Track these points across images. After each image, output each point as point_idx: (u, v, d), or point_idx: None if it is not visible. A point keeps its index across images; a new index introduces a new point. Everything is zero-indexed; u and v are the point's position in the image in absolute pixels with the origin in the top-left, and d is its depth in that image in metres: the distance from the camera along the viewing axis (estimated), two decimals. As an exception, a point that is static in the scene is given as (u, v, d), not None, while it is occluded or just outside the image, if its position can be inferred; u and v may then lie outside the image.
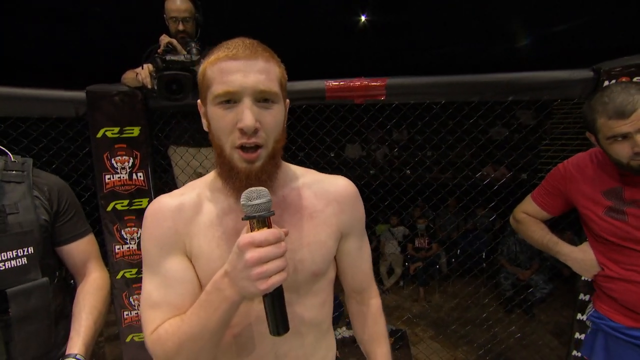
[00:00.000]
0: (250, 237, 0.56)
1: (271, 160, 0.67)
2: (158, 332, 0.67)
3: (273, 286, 0.57)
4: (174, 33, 1.91)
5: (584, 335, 1.36)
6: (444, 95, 1.60)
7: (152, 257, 0.71)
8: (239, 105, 0.62)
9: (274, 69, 0.66)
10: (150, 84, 1.61)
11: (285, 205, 0.75)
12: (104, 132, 1.69)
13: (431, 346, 3.07)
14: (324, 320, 0.83)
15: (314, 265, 0.74)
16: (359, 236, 0.84)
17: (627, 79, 1.36)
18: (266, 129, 0.64)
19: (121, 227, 1.79)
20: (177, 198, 0.74)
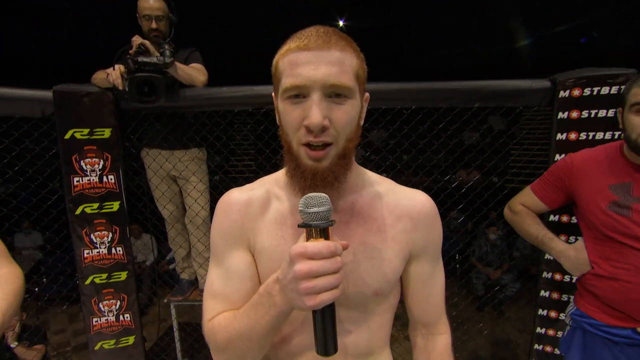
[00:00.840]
0: (302, 247, 0.52)
1: (341, 160, 0.62)
2: (213, 322, 0.67)
3: (322, 303, 0.53)
4: (147, 32, 1.88)
5: (562, 333, 1.37)
6: (414, 101, 1.66)
7: (218, 248, 0.71)
8: (307, 100, 0.57)
9: (350, 60, 0.59)
10: (122, 86, 1.58)
11: (353, 213, 0.70)
12: (72, 133, 1.64)
13: (405, 346, 3.14)
14: (377, 348, 0.76)
15: (376, 283, 0.68)
16: (433, 261, 0.76)
17: (579, 90, 1.46)
18: (337, 126, 0.59)
19: (90, 231, 1.74)
20: (246, 193, 0.72)
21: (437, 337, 0.80)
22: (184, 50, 2.00)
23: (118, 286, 1.82)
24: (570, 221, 1.58)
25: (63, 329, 3.63)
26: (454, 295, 4.01)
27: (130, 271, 1.83)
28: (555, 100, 1.53)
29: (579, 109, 1.48)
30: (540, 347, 1.73)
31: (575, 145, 1.51)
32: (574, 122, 1.50)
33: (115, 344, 1.86)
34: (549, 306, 1.68)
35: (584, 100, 1.47)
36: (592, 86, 1.44)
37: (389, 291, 0.72)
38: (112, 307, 1.84)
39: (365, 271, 0.68)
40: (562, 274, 1.63)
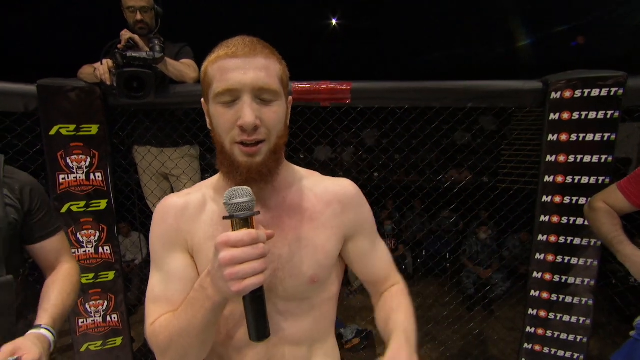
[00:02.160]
0: (225, 236, 0.55)
1: (273, 155, 0.66)
2: (154, 325, 0.69)
3: (247, 288, 0.55)
4: (132, 24, 1.83)
5: (626, 342, 1.32)
6: (407, 100, 1.66)
7: (157, 253, 0.74)
8: (239, 102, 0.62)
9: (275, 66, 0.65)
10: (109, 81, 1.54)
11: (285, 207, 0.74)
12: (57, 129, 1.60)
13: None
14: (321, 336, 0.80)
15: (311, 270, 0.72)
16: (370, 236, 0.82)
17: (570, 91, 1.47)
18: (267, 125, 0.64)
19: (77, 230, 1.70)
20: (183, 197, 0.76)
21: (390, 288, 0.86)
22: (174, 46, 1.96)
23: (105, 286, 1.78)
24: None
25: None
26: (445, 295, 4.04)
27: (118, 271, 1.80)
28: (547, 102, 1.54)
29: (570, 111, 1.49)
30: (530, 346, 1.74)
31: (566, 146, 1.52)
32: (565, 123, 1.51)
33: (102, 345, 1.82)
34: (539, 306, 1.69)
35: (575, 102, 1.48)
36: (583, 88, 1.45)
37: (326, 278, 0.76)
38: (99, 307, 1.80)
39: (300, 260, 0.72)
40: (552, 274, 1.64)
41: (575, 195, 1.55)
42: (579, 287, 1.60)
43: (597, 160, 1.48)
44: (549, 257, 1.64)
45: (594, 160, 1.48)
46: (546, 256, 1.64)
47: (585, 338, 1.64)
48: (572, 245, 1.58)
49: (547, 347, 1.71)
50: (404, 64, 7.65)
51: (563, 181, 1.55)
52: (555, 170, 1.56)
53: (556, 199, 1.58)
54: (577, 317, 1.62)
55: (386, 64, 7.68)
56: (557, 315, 1.66)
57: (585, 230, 1.55)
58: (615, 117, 1.44)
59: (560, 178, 1.56)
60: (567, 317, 1.64)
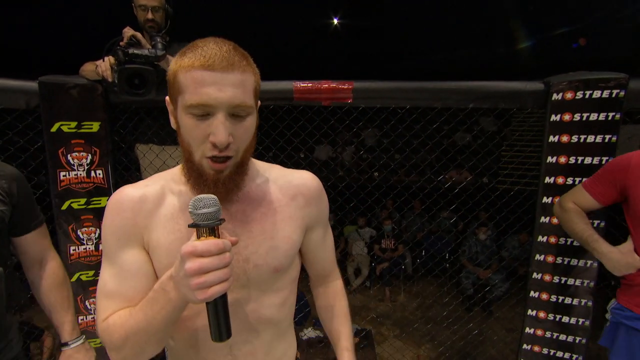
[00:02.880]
0: (192, 246, 0.55)
1: (239, 168, 0.68)
2: (108, 321, 0.68)
3: (213, 296, 0.56)
4: (142, 22, 1.84)
5: (605, 327, 1.42)
6: (408, 100, 1.65)
7: (110, 247, 0.71)
8: (212, 119, 0.61)
9: (250, 80, 0.64)
10: (111, 77, 1.54)
11: (249, 200, 0.75)
12: (59, 126, 1.60)
13: (395, 345, 3.15)
14: (283, 319, 0.83)
15: (276, 261, 0.75)
16: (324, 227, 0.87)
17: (572, 93, 1.47)
18: (238, 141, 0.64)
19: (77, 227, 1.70)
20: (140, 189, 0.73)
21: (333, 282, 0.97)
22: (178, 44, 1.96)
23: (105, 283, 1.79)
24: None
25: (47, 327, 3.56)
26: (444, 295, 4.05)
27: (118, 268, 1.80)
28: (549, 103, 1.54)
29: (571, 112, 1.49)
30: (529, 346, 1.75)
31: (567, 147, 1.52)
32: (566, 124, 1.51)
33: (101, 342, 1.83)
34: (538, 307, 1.69)
35: (576, 103, 1.48)
36: (585, 90, 1.45)
37: (288, 266, 0.79)
38: (98, 304, 1.80)
39: (266, 251, 0.74)
40: (551, 275, 1.64)
41: (575, 197, 1.54)
42: (578, 289, 1.60)
43: (597, 162, 1.48)
44: (549, 258, 1.64)
45: (595, 162, 1.48)
46: (546, 257, 1.65)
47: (584, 339, 1.64)
48: (572, 246, 1.58)
49: (546, 348, 1.71)
50: (406, 64, 7.65)
51: (564, 182, 1.55)
52: (556, 171, 1.56)
53: (557, 200, 1.58)
54: (577, 319, 1.63)
55: (388, 63, 7.68)
56: (556, 317, 1.66)
57: (586, 232, 1.55)
58: (616, 118, 1.44)
59: (561, 179, 1.56)
60: (567, 318, 1.64)
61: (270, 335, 0.81)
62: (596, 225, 1.52)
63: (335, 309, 0.94)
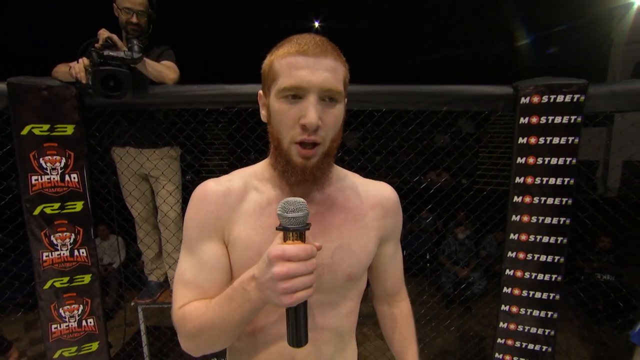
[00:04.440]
0: (281, 249, 0.56)
1: (326, 157, 0.68)
2: (184, 310, 0.70)
3: (298, 301, 0.57)
4: (124, 24, 1.81)
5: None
6: (384, 104, 1.70)
7: (192, 238, 0.73)
8: (304, 101, 0.63)
9: (341, 68, 0.66)
10: (85, 79, 1.51)
11: (330, 204, 0.75)
12: (29, 129, 1.55)
13: (376, 344, 3.19)
14: (347, 330, 0.82)
15: (350, 268, 0.74)
16: (396, 242, 0.87)
17: (538, 97, 1.55)
18: (326, 128, 0.65)
19: (50, 233, 1.65)
20: (224, 184, 0.74)
21: (401, 303, 0.94)
22: (157, 48, 1.94)
23: (81, 290, 1.74)
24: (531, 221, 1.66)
25: (19, 338, 3.41)
26: (423, 293, 4.13)
27: (95, 274, 1.76)
28: (517, 106, 1.61)
29: (538, 115, 1.57)
30: (503, 340, 1.82)
31: (535, 149, 1.60)
32: (534, 127, 1.59)
33: (77, 351, 1.78)
34: (511, 302, 1.76)
35: (542, 106, 1.56)
36: (550, 94, 1.53)
37: (361, 275, 0.79)
38: (74, 312, 1.75)
39: (342, 257, 0.73)
40: (522, 271, 1.72)
41: (543, 196, 1.63)
42: (547, 283, 1.68)
43: (562, 162, 1.56)
44: (520, 255, 1.72)
45: (560, 162, 1.57)
46: (517, 254, 1.72)
47: (553, 331, 1.72)
48: (540, 243, 1.66)
49: (519, 341, 1.78)
50: (387, 66, 7.78)
51: (532, 182, 1.63)
52: (525, 171, 1.64)
53: (526, 199, 1.65)
54: (546, 312, 1.71)
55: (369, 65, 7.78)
56: (527, 311, 1.73)
57: (554, 229, 1.63)
58: (578, 121, 1.52)
59: (530, 179, 1.63)
60: (537, 312, 1.72)
61: (334, 346, 0.80)
62: (562, 222, 1.61)
63: (404, 332, 0.93)
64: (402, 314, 0.94)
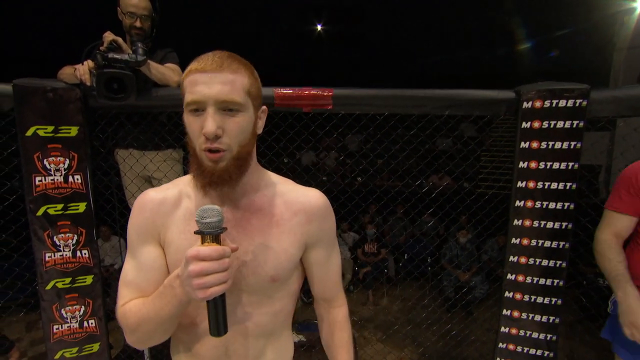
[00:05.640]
0: (196, 250, 0.63)
1: (236, 162, 0.73)
2: (124, 307, 0.78)
3: (211, 296, 0.64)
4: (128, 28, 1.83)
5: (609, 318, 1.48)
6: (386, 107, 1.70)
7: (132, 242, 0.82)
8: (205, 113, 0.69)
9: (241, 80, 0.71)
10: (89, 81, 1.52)
11: (255, 209, 0.80)
12: (34, 130, 1.56)
13: (377, 348, 3.18)
14: (278, 328, 0.88)
15: (273, 270, 0.79)
16: (328, 247, 0.89)
17: (540, 102, 1.55)
18: (230, 135, 0.70)
19: (53, 234, 1.66)
20: (161, 192, 0.83)
21: (336, 310, 0.97)
22: (161, 51, 1.96)
23: (83, 291, 1.74)
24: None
25: (19, 338, 3.42)
26: (424, 297, 4.12)
27: (97, 275, 1.76)
28: (520, 111, 1.62)
29: (540, 120, 1.57)
30: (504, 345, 1.81)
31: (536, 153, 1.60)
32: (535, 131, 1.59)
33: (78, 352, 1.78)
34: (513, 306, 1.76)
35: (544, 111, 1.56)
36: (552, 99, 1.54)
37: (287, 278, 0.84)
38: (75, 313, 1.76)
39: (264, 260, 0.79)
40: (524, 275, 1.71)
41: (545, 200, 1.63)
42: (548, 288, 1.68)
43: (564, 167, 1.56)
44: (522, 260, 1.71)
45: (562, 167, 1.57)
46: (519, 258, 1.72)
47: (555, 336, 1.71)
48: (543, 247, 1.66)
49: (520, 346, 1.77)
50: (389, 70, 7.79)
51: (534, 186, 1.63)
52: (527, 176, 1.64)
53: (528, 204, 1.65)
54: (548, 317, 1.70)
55: (371, 69, 7.80)
56: (529, 315, 1.73)
57: (555, 234, 1.63)
58: (580, 126, 1.53)
59: (532, 184, 1.64)
60: (539, 316, 1.71)
61: (265, 340, 0.86)
62: (564, 227, 1.61)
63: (335, 338, 0.95)
64: (336, 320, 0.96)
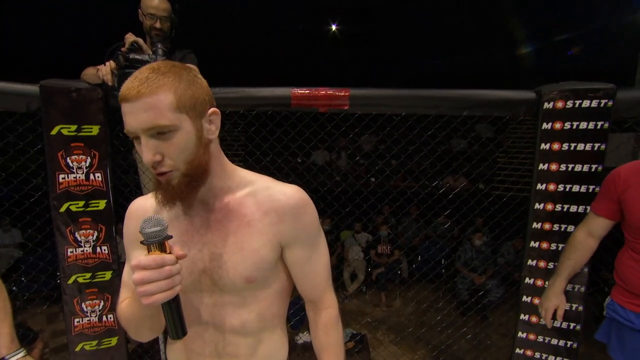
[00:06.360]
0: (137, 260, 0.65)
1: (185, 178, 0.73)
2: (120, 306, 0.85)
3: (155, 303, 0.65)
4: (148, 29, 1.87)
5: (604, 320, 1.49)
6: (403, 108, 1.69)
7: (126, 246, 0.89)
8: (141, 142, 0.69)
9: (164, 100, 0.67)
10: (111, 82, 1.56)
11: (226, 211, 0.81)
12: (59, 129, 1.61)
13: (390, 349, 3.16)
14: (264, 328, 0.88)
15: (246, 271, 0.79)
16: (307, 246, 0.85)
17: (562, 102, 1.51)
18: (170, 157, 0.70)
19: (75, 230, 1.71)
20: (147, 201, 0.87)
21: (322, 311, 0.93)
22: (179, 51, 1.99)
23: (102, 286, 1.79)
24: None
25: (41, 330, 3.54)
26: (438, 300, 4.07)
27: (115, 271, 1.81)
28: (540, 111, 1.58)
29: (562, 121, 1.53)
30: (522, 351, 1.77)
31: (558, 155, 1.56)
32: (557, 133, 1.55)
33: (97, 345, 1.83)
34: (531, 311, 1.72)
35: (566, 112, 1.52)
36: (575, 99, 1.49)
37: (265, 278, 0.83)
38: (95, 307, 1.81)
39: (237, 261, 0.79)
40: (543, 280, 1.67)
41: (566, 203, 1.58)
42: (569, 293, 1.63)
43: (587, 169, 1.52)
44: (540, 264, 1.67)
45: (585, 169, 1.52)
46: (538, 262, 1.68)
47: (575, 343, 1.66)
48: (563, 252, 1.61)
49: (539, 352, 1.73)
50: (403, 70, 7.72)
51: (555, 189, 1.59)
52: (547, 178, 1.60)
53: (548, 207, 1.61)
54: (568, 323, 1.65)
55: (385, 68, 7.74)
56: (548, 321, 1.68)
57: (576, 238, 1.58)
58: (605, 127, 1.48)
59: (552, 186, 1.59)
60: (558, 323, 1.67)
61: (254, 339, 0.87)
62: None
63: (322, 341, 0.93)
64: (322, 322, 0.93)
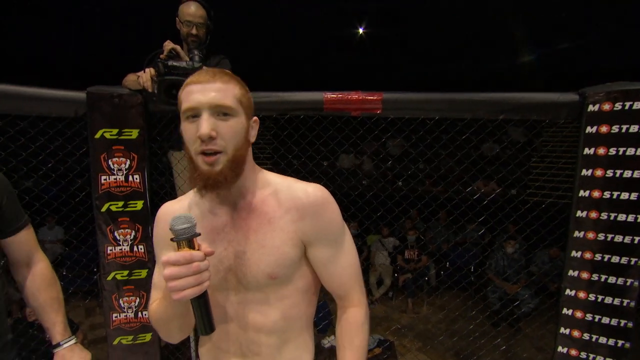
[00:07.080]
0: (167, 257, 0.68)
1: (231, 164, 0.76)
2: (151, 307, 0.87)
3: (185, 298, 0.68)
4: (185, 36, 1.95)
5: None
6: (437, 112, 1.65)
7: (156, 249, 0.92)
8: (199, 118, 0.74)
9: (232, 89, 0.77)
10: (151, 88, 1.63)
11: (250, 209, 0.84)
12: (102, 133, 1.70)
13: (418, 357, 3.08)
14: (289, 328, 0.88)
15: (269, 268, 0.81)
16: (330, 245, 0.85)
17: (609, 104, 1.42)
18: (224, 137, 0.74)
19: (114, 229, 1.79)
20: (175, 204, 0.92)
21: (349, 310, 0.92)
22: (214, 57, 2.06)
23: (138, 284, 1.87)
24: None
25: (80, 322, 3.73)
26: (469, 309, 3.93)
27: (150, 269, 1.87)
28: (584, 115, 1.49)
29: (609, 124, 1.44)
30: (564, 367, 1.67)
31: (603, 160, 1.47)
32: (602, 137, 1.46)
33: (133, 340, 1.90)
34: (572, 325, 1.62)
35: (614, 115, 1.43)
36: (624, 101, 1.40)
37: (289, 275, 0.84)
38: (131, 303, 1.88)
39: (259, 258, 0.81)
40: (586, 292, 1.58)
41: (613, 211, 1.49)
42: (617, 308, 1.53)
43: (638, 175, 1.42)
44: (583, 275, 1.58)
45: (635, 175, 1.42)
46: (580, 273, 1.58)
47: None
48: (610, 263, 1.51)
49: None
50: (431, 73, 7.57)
51: (600, 196, 1.50)
52: (591, 184, 1.51)
53: (592, 215, 1.52)
54: (615, 340, 1.55)
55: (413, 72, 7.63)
56: (592, 337, 1.58)
57: (625, 248, 1.48)
58: (658, 131, 1.38)
59: (597, 193, 1.50)
60: (604, 339, 1.57)
61: (278, 339, 0.88)
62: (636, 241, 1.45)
63: (344, 339, 0.89)
64: (347, 321, 0.90)
